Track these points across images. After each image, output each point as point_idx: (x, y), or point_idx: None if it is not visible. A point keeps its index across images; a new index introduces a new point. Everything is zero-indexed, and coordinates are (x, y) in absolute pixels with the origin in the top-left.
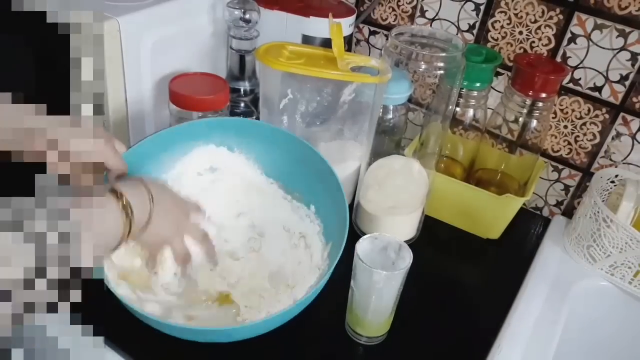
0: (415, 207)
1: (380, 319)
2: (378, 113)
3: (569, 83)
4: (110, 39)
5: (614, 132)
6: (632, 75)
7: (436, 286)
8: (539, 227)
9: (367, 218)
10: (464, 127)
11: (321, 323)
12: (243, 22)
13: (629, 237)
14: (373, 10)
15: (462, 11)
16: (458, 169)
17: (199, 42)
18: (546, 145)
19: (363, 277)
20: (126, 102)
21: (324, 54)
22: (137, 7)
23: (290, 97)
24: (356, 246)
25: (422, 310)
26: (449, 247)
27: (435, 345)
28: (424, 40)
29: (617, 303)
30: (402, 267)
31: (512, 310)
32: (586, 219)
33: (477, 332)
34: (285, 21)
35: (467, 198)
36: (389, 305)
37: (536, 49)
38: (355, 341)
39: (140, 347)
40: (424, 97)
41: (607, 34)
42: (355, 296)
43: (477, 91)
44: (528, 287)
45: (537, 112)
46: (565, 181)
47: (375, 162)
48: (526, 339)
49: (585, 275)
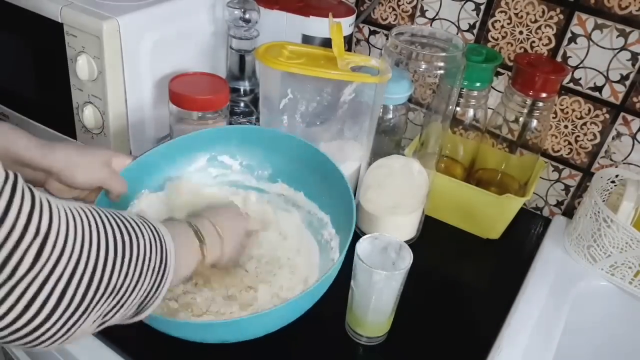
0: (415, 207)
1: (381, 319)
2: (378, 113)
3: (570, 83)
4: (110, 39)
5: (615, 132)
6: (633, 75)
7: (436, 286)
8: (539, 227)
9: (367, 218)
10: (464, 127)
11: (321, 323)
12: (243, 22)
13: (629, 237)
14: (373, 10)
15: (463, 11)
16: (458, 169)
17: (198, 42)
18: (546, 145)
19: (363, 277)
20: (126, 102)
21: (324, 53)
22: (137, 7)
23: (290, 97)
24: (356, 246)
25: (422, 311)
26: (449, 247)
27: (435, 345)
28: (424, 40)
29: (617, 303)
30: (402, 267)
31: (512, 310)
32: (586, 219)
33: (477, 332)
34: (285, 21)
35: (467, 198)
36: (389, 305)
37: (536, 49)
38: (355, 341)
39: (141, 347)
40: (424, 97)
41: (608, 34)
42: (355, 296)
43: (478, 91)
44: (528, 287)
45: (537, 112)
46: (565, 181)
47: (375, 162)
48: (526, 339)
49: (585, 275)
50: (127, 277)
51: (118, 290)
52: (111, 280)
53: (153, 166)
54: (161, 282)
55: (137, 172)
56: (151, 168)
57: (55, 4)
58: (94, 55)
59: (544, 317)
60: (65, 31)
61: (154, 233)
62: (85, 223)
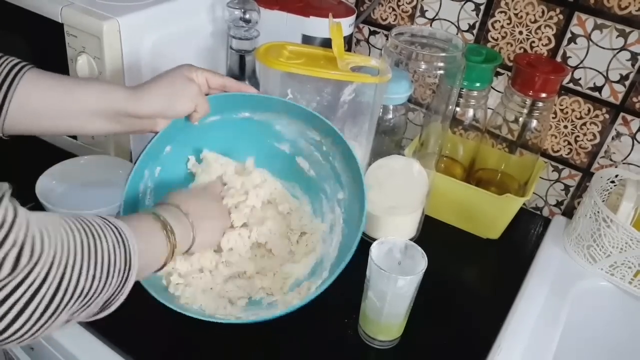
0: (416, 207)
1: (397, 322)
2: (378, 113)
3: (569, 83)
4: (110, 39)
5: (614, 132)
6: (632, 75)
7: (436, 286)
8: (539, 227)
9: (367, 218)
10: (464, 127)
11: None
12: (243, 22)
13: (629, 237)
14: (373, 10)
15: (462, 11)
16: (458, 169)
17: (198, 42)
18: (546, 145)
19: (380, 283)
20: None
21: (324, 54)
22: (137, 7)
23: (290, 97)
24: (371, 252)
25: (422, 311)
26: (449, 247)
27: (435, 345)
28: (424, 40)
29: (617, 303)
30: (420, 269)
31: (512, 310)
32: (586, 219)
33: (477, 332)
34: (285, 21)
35: (467, 198)
36: (404, 308)
37: (536, 49)
38: (368, 345)
39: (141, 347)
40: (424, 97)
41: (607, 34)
42: (369, 301)
43: (477, 91)
44: (528, 287)
45: (537, 112)
46: (565, 181)
47: (375, 162)
48: (526, 339)
49: (585, 275)
50: (95, 279)
51: (86, 293)
52: (79, 284)
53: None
54: (126, 282)
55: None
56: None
57: (55, 4)
58: (94, 56)
59: (543, 317)
60: (66, 31)
61: (116, 235)
62: (57, 233)
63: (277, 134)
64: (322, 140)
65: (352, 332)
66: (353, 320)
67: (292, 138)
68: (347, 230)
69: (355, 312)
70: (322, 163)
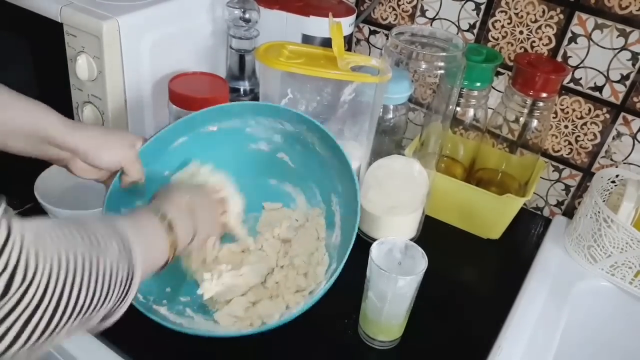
0: (416, 207)
1: (396, 322)
2: (378, 113)
3: (570, 83)
4: (110, 39)
5: (615, 132)
6: (633, 75)
7: (436, 286)
8: (540, 227)
9: (368, 218)
10: (464, 127)
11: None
12: (243, 22)
13: (629, 237)
14: (373, 9)
15: (463, 11)
16: (458, 169)
17: (198, 42)
18: (547, 145)
19: (381, 284)
20: (125, 102)
21: (324, 53)
22: (137, 7)
23: (290, 97)
24: (371, 252)
25: (422, 311)
26: (449, 248)
27: (435, 345)
28: (425, 40)
29: (617, 303)
30: (420, 269)
31: (512, 310)
32: (587, 219)
33: (477, 332)
34: (285, 21)
35: (468, 198)
36: (404, 308)
37: (537, 49)
38: (368, 345)
39: (141, 347)
40: (424, 97)
41: (608, 34)
42: (369, 301)
43: (478, 91)
44: (528, 287)
45: (537, 112)
46: (565, 181)
47: (375, 162)
48: (526, 339)
49: (585, 275)
50: (95, 295)
51: (86, 309)
52: (78, 301)
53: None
54: (127, 294)
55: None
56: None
57: (55, 4)
58: (94, 55)
59: (544, 317)
60: (65, 31)
61: (119, 244)
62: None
63: (250, 136)
64: (298, 130)
65: (352, 332)
66: (353, 321)
67: (266, 136)
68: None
69: (355, 313)
70: (305, 152)
